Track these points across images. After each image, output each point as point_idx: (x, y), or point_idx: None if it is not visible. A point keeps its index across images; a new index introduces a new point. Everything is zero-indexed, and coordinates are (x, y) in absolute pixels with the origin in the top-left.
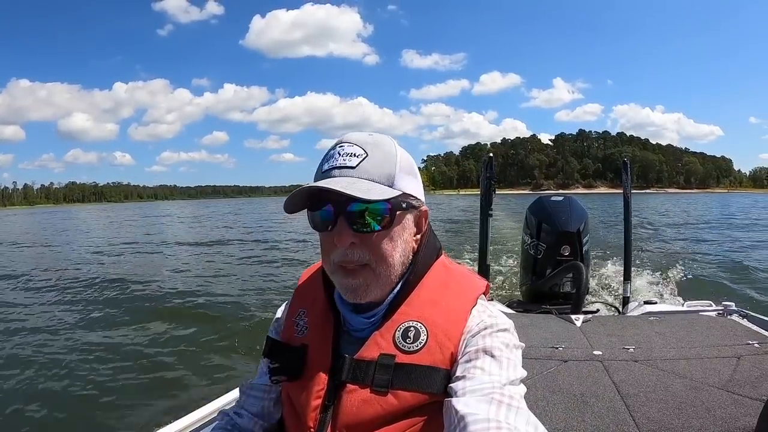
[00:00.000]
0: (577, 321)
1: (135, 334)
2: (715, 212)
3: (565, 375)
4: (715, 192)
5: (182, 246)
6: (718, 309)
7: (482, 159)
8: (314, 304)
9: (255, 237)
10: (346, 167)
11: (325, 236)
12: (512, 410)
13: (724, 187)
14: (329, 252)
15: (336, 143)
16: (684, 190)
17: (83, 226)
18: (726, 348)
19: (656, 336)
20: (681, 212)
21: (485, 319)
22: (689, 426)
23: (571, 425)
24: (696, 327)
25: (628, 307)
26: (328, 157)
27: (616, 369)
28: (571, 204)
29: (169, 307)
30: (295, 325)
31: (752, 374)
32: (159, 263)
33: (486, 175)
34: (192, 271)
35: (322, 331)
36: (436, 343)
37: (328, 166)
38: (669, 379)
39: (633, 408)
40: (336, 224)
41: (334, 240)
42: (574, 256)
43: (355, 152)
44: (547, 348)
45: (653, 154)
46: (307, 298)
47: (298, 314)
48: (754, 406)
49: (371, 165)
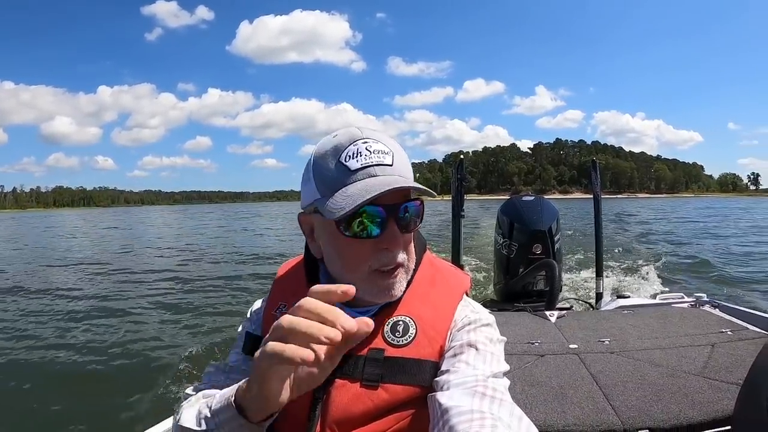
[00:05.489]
0: (551, 317)
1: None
2: (679, 214)
3: (543, 369)
4: (682, 197)
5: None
6: (690, 300)
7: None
8: (297, 297)
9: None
10: (384, 165)
11: (361, 242)
12: (496, 402)
13: (691, 192)
14: (366, 258)
15: (354, 138)
16: (654, 195)
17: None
18: (700, 336)
19: (630, 328)
20: (650, 214)
21: (469, 314)
22: (668, 411)
23: (552, 417)
24: (669, 318)
25: (601, 302)
26: (355, 153)
27: (592, 361)
28: (541, 204)
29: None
30: (276, 319)
31: (727, 360)
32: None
33: (457, 176)
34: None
35: None
36: (425, 336)
37: (362, 163)
38: (645, 368)
39: (611, 397)
40: (387, 227)
41: (384, 245)
42: (546, 254)
43: (384, 149)
44: (523, 344)
45: (625, 161)
46: (288, 291)
47: (278, 308)
48: (731, 390)
49: (400, 162)
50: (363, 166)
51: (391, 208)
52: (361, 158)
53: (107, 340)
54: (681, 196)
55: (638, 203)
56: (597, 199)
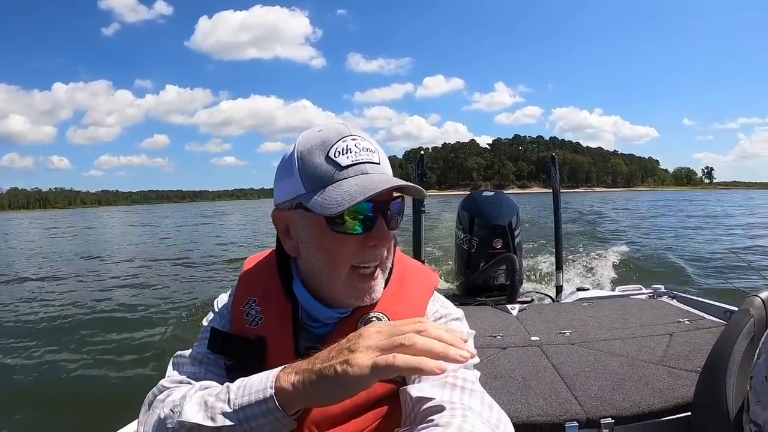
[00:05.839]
0: (513, 310)
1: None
2: (634, 207)
3: (505, 361)
4: (637, 190)
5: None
6: (648, 292)
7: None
8: (267, 293)
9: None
10: (373, 162)
11: (348, 239)
12: (466, 392)
13: (647, 186)
14: (351, 255)
15: (342, 134)
16: (610, 189)
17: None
18: (658, 326)
19: (590, 320)
20: (607, 207)
21: (439, 309)
22: (629, 399)
23: (516, 407)
24: (628, 309)
25: (561, 294)
26: (344, 150)
27: (554, 352)
28: (501, 199)
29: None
30: (246, 314)
31: (685, 349)
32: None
33: (417, 172)
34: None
35: (281, 322)
36: None
37: (352, 160)
38: (606, 358)
39: (574, 387)
40: (376, 224)
41: (373, 241)
42: (506, 249)
43: (371, 147)
44: (486, 337)
45: (583, 156)
46: (257, 286)
47: (247, 303)
48: (690, 378)
49: (385, 161)
50: (354, 163)
51: (380, 205)
52: (351, 155)
53: (60, 349)
54: (636, 190)
55: (595, 196)
56: (556, 194)
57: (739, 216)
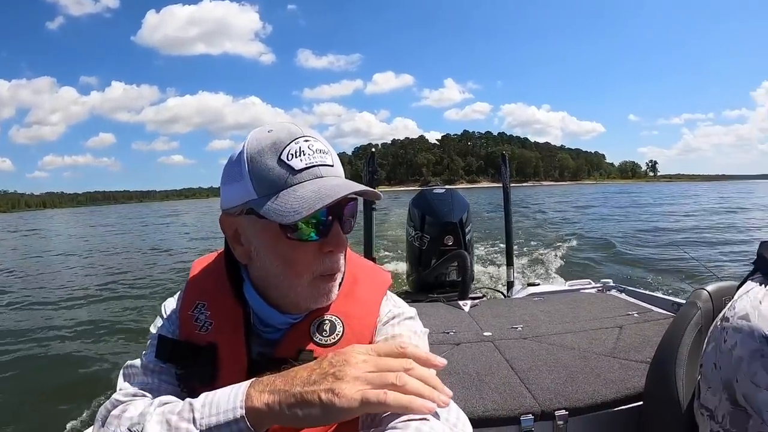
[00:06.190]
0: (465, 306)
1: None
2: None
3: (459, 357)
4: (584, 184)
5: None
6: (598, 286)
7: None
8: (217, 297)
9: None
10: (327, 165)
11: (304, 246)
12: None
13: (593, 179)
14: (309, 262)
15: (294, 135)
16: (557, 183)
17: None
18: (608, 319)
19: (542, 314)
20: (555, 201)
21: (392, 309)
22: (582, 391)
23: (471, 403)
24: (578, 303)
25: (512, 290)
26: (297, 152)
27: (506, 347)
28: (452, 196)
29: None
30: (195, 319)
31: (635, 340)
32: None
33: (368, 169)
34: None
35: (232, 327)
36: (353, 334)
37: (306, 163)
38: (558, 351)
39: (527, 380)
40: (332, 230)
41: (329, 248)
42: (458, 246)
43: (324, 149)
44: (439, 333)
45: (531, 151)
46: (206, 290)
47: (195, 307)
48: (640, 369)
49: (337, 162)
50: (308, 166)
51: (335, 209)
52: (304, 157)
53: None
54: (583, 183)
55: (543, 190)
56: (506, 191)
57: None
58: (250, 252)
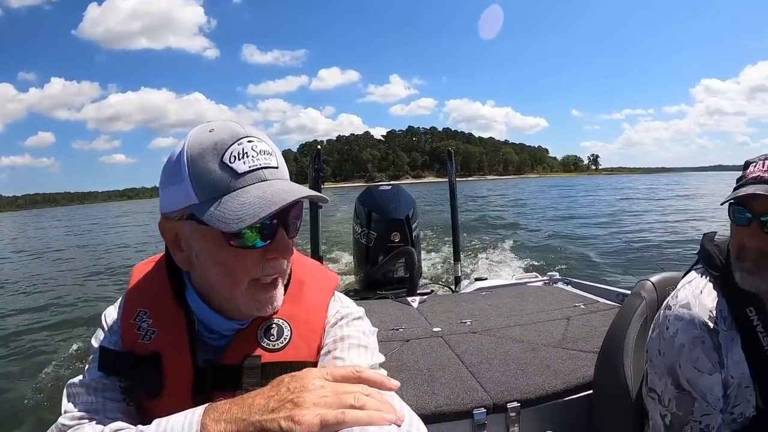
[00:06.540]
0: (413, 303)
1: None
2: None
3: (409, 354)
4: (527, 177)
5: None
6: (544, 279)
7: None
8: (159, 304)
9: None
10: (271, 167)
11: (247, 252)
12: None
13: (537, 173)
14: (252, 269)
15: (237, 136)
16: (502, 177)
17: None
18: (555, 312)
19: (490, 308)
20: (499, 196)
21: (340, 310)
22: (532, 383)
23: (423, 399)
24: (526, 297)
25: (460, 285)
26: (240, 154)
27: (456, 342)
28: (398, 192)
29: None
30: (137, 328)
31: (582, 331)
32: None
33: (314, 167)
34: None
35: (176, 334)
36: (301, 337)
37: (250, 166)
38: (507, 344)
39: (478, 374)
40: (276, 235)
41: (273, 254)
42: (404, 242)
43: (268, 150)
44: (388, 330)
45: (475, 146)
46: (147, 297)
47: (137, 315)
48: (589, 358)
49: (282, 163)
50: (251, 169)
51: (280, 214)
52: (248, 160)
53: None
54: (526, 177)
55: (487, 185)
56: (452, 187)
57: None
58: (191, 258)
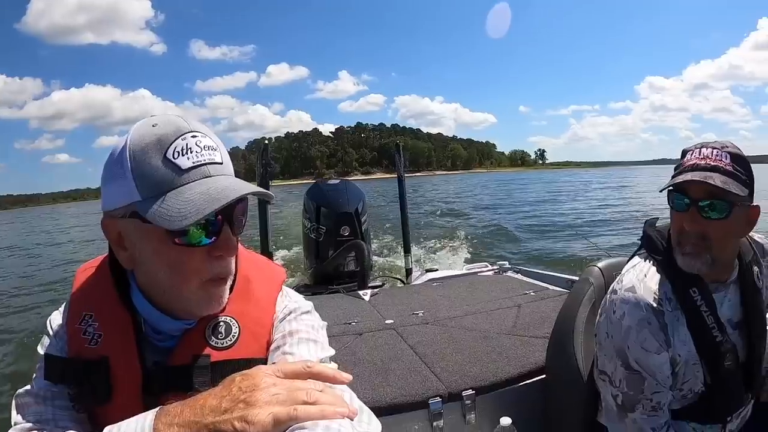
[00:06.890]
0: (365, 296)
1: None
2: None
3: (362, 347)
4: (475, 172)
5: None
6: (494, 268)
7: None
8: (104, 306)
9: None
10: (215, 163)
11: (192, 250)
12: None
13: (485, 168)
14: (198, 267)
15: (181, 131)
16: (450, 172)
17: None
18: (506, 300)
19: (441, 299)
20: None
21: (289, 305)
22: (486, 370)
23: (378, 391)
24: (477, 286)
25: (411, 277)
26: (184, 149)
27: (409, 333)
28: (347, 186)
29: None
30: (83, 332)
31: (533, 318)
32: None
33: (262, 162)
34: None
35: (122, 337)
36: (250, 334)
37: (194, 162)
38: (460, 334)
39: (432, 365)
40: (222, 233)
41: (219, 251)
42: (354, 236)
43: (212, 145)
44: (341, 324)
45: (423, 142)
46: (92, 299)
47: (82, 319)
48: (540, 344)
49: (226, 158)
50: (195, 165)
51: (224, 210)
52: (192, 155)
53: None
54: (474, 172)
55: (435, 180)
56: (401, 180)
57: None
58: (135, 256)
